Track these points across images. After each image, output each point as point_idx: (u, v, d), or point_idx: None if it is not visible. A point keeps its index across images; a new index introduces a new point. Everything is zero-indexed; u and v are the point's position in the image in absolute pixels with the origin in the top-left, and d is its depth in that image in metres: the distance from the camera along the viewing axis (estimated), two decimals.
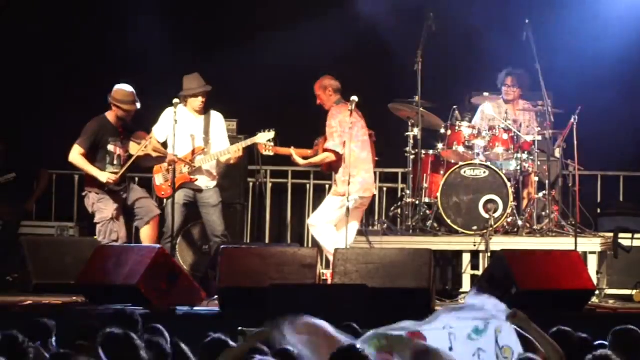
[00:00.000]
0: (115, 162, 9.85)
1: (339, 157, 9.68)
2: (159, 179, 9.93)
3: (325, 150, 9.74)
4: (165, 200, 9.85)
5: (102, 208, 9.76)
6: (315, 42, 12.16)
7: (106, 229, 9.72)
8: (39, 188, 11.43)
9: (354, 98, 9.67)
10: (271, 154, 9.97)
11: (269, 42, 12.14)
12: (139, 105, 9.91)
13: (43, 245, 10.14)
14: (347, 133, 9.60)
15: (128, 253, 8.90)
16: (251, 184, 11.61)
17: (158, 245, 9.46)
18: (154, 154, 9.81)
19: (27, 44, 12.14)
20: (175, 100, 9.67)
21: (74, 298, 8.82)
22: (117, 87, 9.95)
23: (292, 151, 9.94)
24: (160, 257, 8.61)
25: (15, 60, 12.09)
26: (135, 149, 9.83)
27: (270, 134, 9.86)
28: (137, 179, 11.33)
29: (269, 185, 12.11)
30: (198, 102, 9.98)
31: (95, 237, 10.41)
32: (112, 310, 6.14)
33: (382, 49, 11.90)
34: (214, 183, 10.01)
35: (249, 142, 9.94)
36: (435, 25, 10.50)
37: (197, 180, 9.94)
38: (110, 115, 9.91)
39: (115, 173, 9.76)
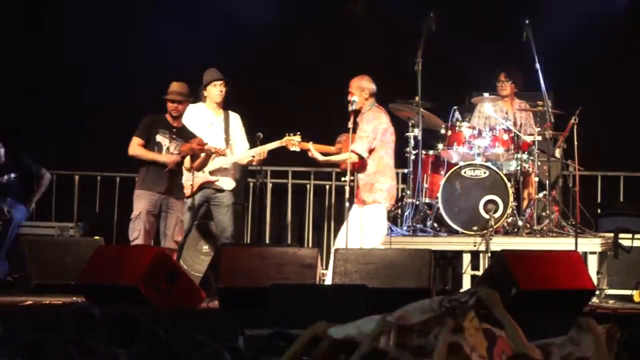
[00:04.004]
0: (164, 153, 9.73)
1: (362, 162, 9.62)
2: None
3: (351, 151, 9.66)
4: (185, 199, 9.79)
5: (135, 204, 9.67)
6: (315, 42, 12.19)
7: (132, 226, 9.65)
8: (39, 188, 11.42)
9: (355, 98, 9.66)
10: (298, 149, 9.92)
11: (269, 42, 12.17)
12: (187, 100, 9.76)
13: (43, 246, 10.14)
14: (378, 140, 9.58)
15: (128, 253, 8.91)
16: (251, 184, 11.62)
17: (158, 246, 9.48)
18: (197, 147, 9.71)
19: (27, 44, 12.15)
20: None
21: (74, 298, 8.81)
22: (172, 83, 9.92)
23: (310, 146, 9.85)
24: (160, 257, 8.61)
25: (16, 60, 12.10)
26: (186, 147, 9.74)
27: (297, 137, 9.86)
28: None
29: (269, 186, 12.13)
30: (217, 91, 9.99)
31: (97, 237, 10.45)
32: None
33: (382, 49, 11.91)
34: (233, 184, 10.04)
35: (275, 144, 9.93)
36: (435, 25, 10.50)
37: (217, 180, 9.95)
38: (167, 112, 9.85)
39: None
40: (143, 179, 9.68)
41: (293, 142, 9.82)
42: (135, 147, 9.70)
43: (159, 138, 9.72)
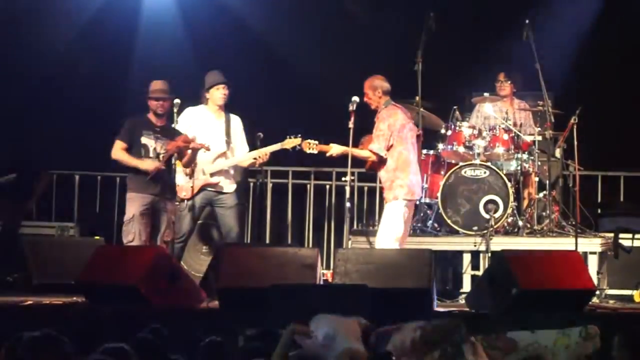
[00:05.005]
0: (151, 155, 9.66)
1: (380, 160, 9.62)
2: (180, 179, 9.83)
3: (369, 150, 9.67)
4: (185, 201, 9.77)
5: (128, 207, 9.64)
6: (315, 43, 12.19)
7: (126, 229, 9.62)
8: (39, 188, 11.43)
9: (355, 98, 9.66)
10: (315, 152, 9.89)
11: (268, 43, 12.17)
12: (171, 97, 9.70)
13: (43, 245, 10.13)
14: (395, 136, 9.58)
15: (128, 253, 8.90)
16: (252, 184, 11.61)
17: (158, 246, 9.47)
18: (182, 144, 9.69)
19: (28, 44, 12.15)
20: (176, 101, 9.66)
21: (74, 298, 8.81)
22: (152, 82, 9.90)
23: (332, 145, 9.80)
24: (160, 257, 8.60)
25: (16, 61, 12.09)
26: (172, 145, 9.71)
27: (297, 140, 9.84)
28: None
29: (270, 186, 12.12)
30: (220, 94, 9.93)
31: (97, 237, 10.44)
32: None
33: (382, 49, 11.91)
34: (234, 186, 10.00)
35: (277, 146, 9.90)
36: (435, 25, 10.50)
37: (219, 182, 9.92)
38: (149, 112, 9.84)
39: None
40: (134, 181, 9.66)
41: (311, 145, 9.81)
42: (118, 152, 9.68)
43: (144, 140, 9.69)
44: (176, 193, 9.81)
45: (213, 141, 9.87)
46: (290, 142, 9.87)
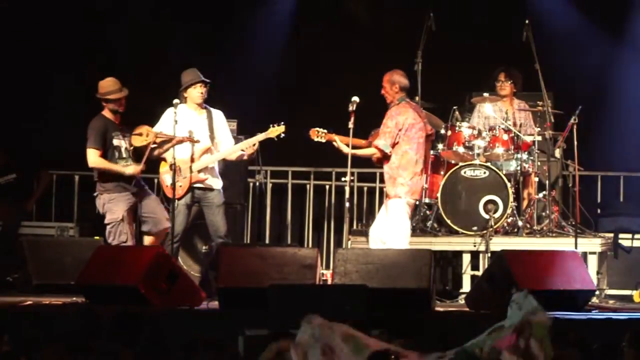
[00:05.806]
0: (124, 156, 9.71)
1: (385, 156, 9.64)
2: (168, 179, 9.82)
3: (374, 146, 9.69)
4: (176, 201, 9.74)
5: (113, 209, 9.66)
6: (315, 42, 12.19)
7: (116, 230, 9.63)
8: (39, 188, 11.43)
9: (355, 98, 9.66)
10: (323, 140, 9.87)
11: (267, 42, 12.18)
12: (126, 92, 9.77)
13: (43, 246, 10.13)
14: (401, 135, 9.59)
15: (128, 253, 8.91)
16: (251, 184, 11.60)
17: (158, 246, 9.47)
18: (159, 139, 9.68)
19: (27, 45, 12.15)
20: (176, 101, 9.65)
21: (74, 298, 8.82)
22: (100, 82, 9.88)
23: (335, 137, 9.82)
24: (160, 257, 8.60)
25: (16, 61, 12.10)
26: (138, 141, 9.69)
27: (281, 128, 9.80)
28: None
29: (269, 185, 12.11)
30: (197, 93, 9.83)
31: (97, 237, 10.43)
32: None
33: (382, 48, 11.91)
34: (221, 183, 9.95)
35: (262, 136, 9.83)
36: (435, 25, 10.50)
37: (206, 179, 9.86)
38: (106, 112, 9.82)
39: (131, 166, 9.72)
40: (113, 183, 9.68)
41: (319, 134, 9.79)
42: (97, 160, 9.71)
43: (115, 142, 9.73)
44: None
45: (197, 138, 9.82)
46: (274, 131, 9.80)
